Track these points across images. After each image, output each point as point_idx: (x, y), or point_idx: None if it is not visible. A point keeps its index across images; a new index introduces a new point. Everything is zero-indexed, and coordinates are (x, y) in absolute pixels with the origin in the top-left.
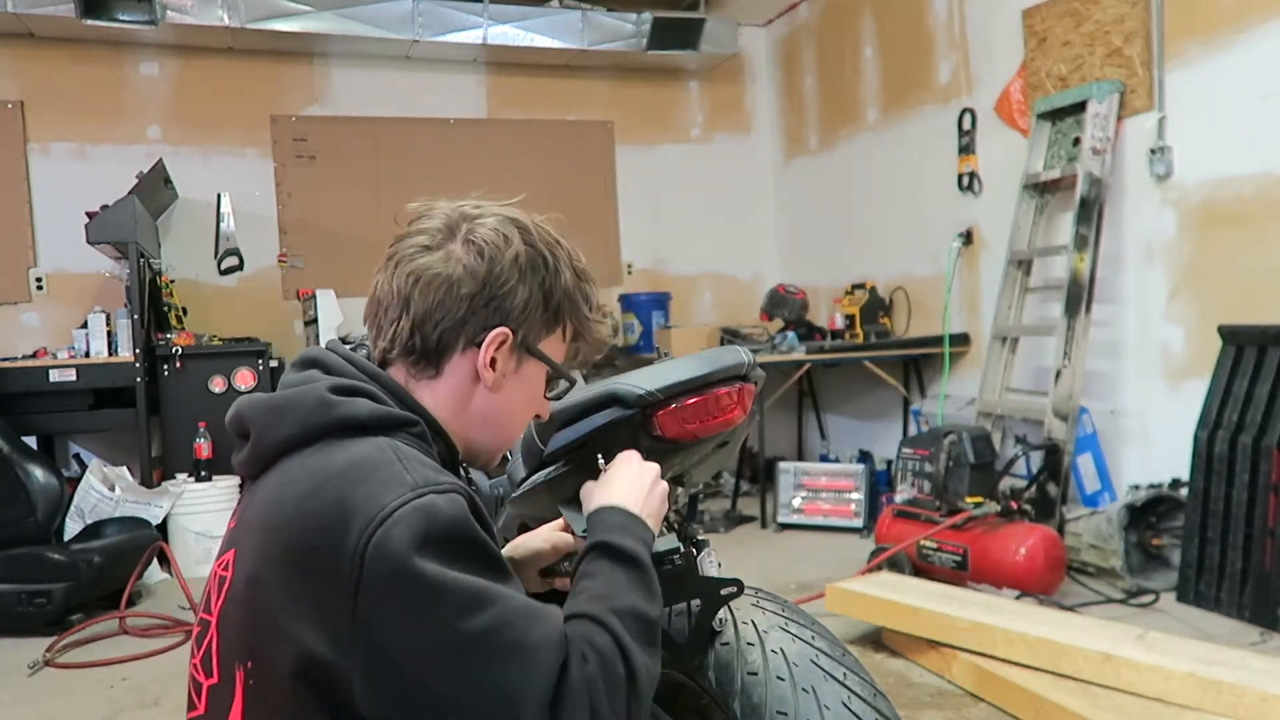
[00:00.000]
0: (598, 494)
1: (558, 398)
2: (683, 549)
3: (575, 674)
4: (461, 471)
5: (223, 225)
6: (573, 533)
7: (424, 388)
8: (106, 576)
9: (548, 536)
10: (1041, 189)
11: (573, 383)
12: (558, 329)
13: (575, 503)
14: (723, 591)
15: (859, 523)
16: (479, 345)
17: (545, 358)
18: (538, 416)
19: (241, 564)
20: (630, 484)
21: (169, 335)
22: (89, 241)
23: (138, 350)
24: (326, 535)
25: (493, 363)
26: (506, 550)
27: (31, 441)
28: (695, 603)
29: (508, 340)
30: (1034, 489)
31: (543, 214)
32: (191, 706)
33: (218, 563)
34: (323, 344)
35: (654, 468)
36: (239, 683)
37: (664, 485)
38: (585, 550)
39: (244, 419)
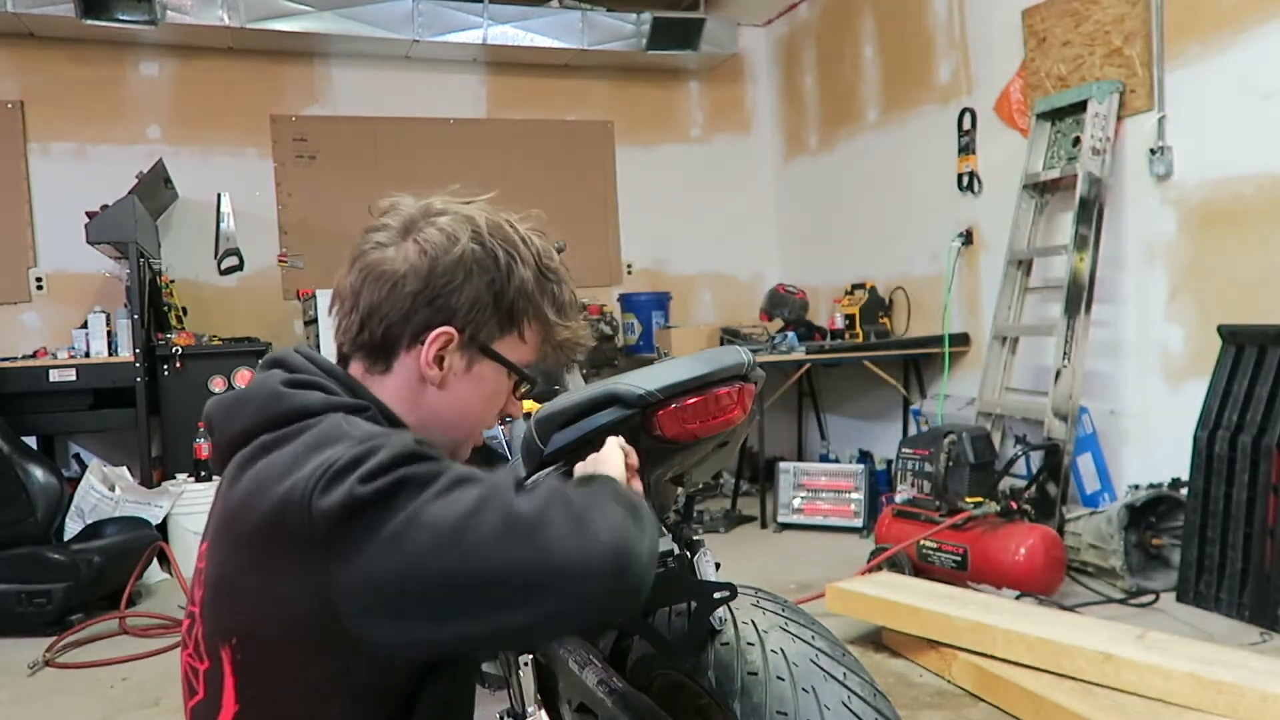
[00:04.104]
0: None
1: (527, 398)
2: (678, 550)
3: (548, 484)
4: None
5: (223, 225)
6: None
7: (377, 383)
8: (106, 576)
9: None
10: (1041, 189)
11: (533, 383)
12: (514, 330)
13: None
14: (715, 595)
15: (859, 523)
16: (423, 343)
17: (499, 357)
18: (509, 417)
19: (213, 551)
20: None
21: (169, 335)
22: (89, 241)
23: (138, 350)
24: (279, 497)
25: (440, 361)
26: None
27: (31, 441)
28: (693, 604)
29: (453, 339)
30: (1034, 489)
31: (524, 211)
32: (192, 693)
33: (197, 557)
34: (323, 345)
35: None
36: (227, 661)
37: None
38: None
39: (207, 418)
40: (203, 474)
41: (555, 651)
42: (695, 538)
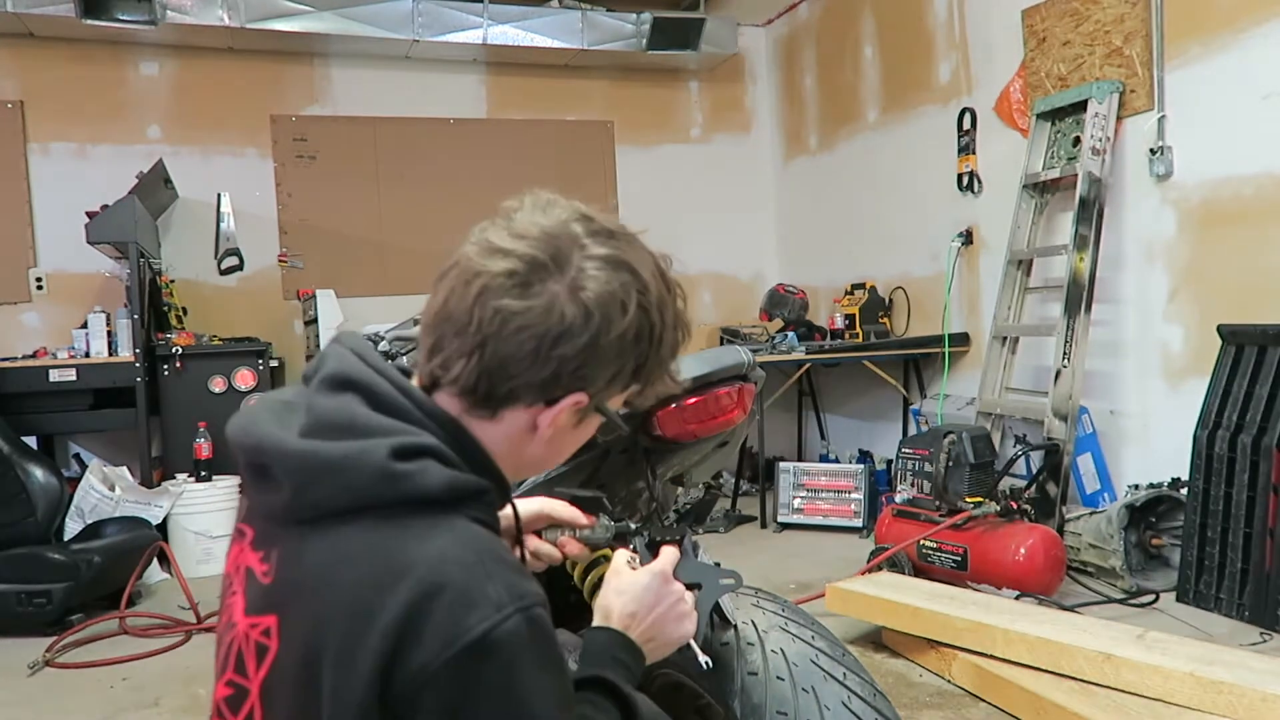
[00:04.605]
0: (607, 598)
1: (607, 435)
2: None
3: None
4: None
5: (223, 225)
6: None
7: (478, 427)
8: (106, 576)
9: (538, 507)
10: (1041, 189)
11: (626, 432)
12: (635, 386)
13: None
14: (722, 581)
15: (859, 523)
16: (547, 406)
17: (609, 414)
18: None
19: (291, 642)
20: (639, 603)
21: (169, 335)
22: (89, 241)
23: (138, 350)
24: (391, 643)
25: (557, 418)
26: None
27: (31, 441)
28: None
29: (581, 405)
30: (1034, 489)
31: (656, 249)
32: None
33: (249, 621)
34: (323, 345)
35: (675, 591)
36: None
37: (682, 606)
38: (584, 676)
39: (267, 459)
40: (203, 474)
41: None
42: (694, 538)
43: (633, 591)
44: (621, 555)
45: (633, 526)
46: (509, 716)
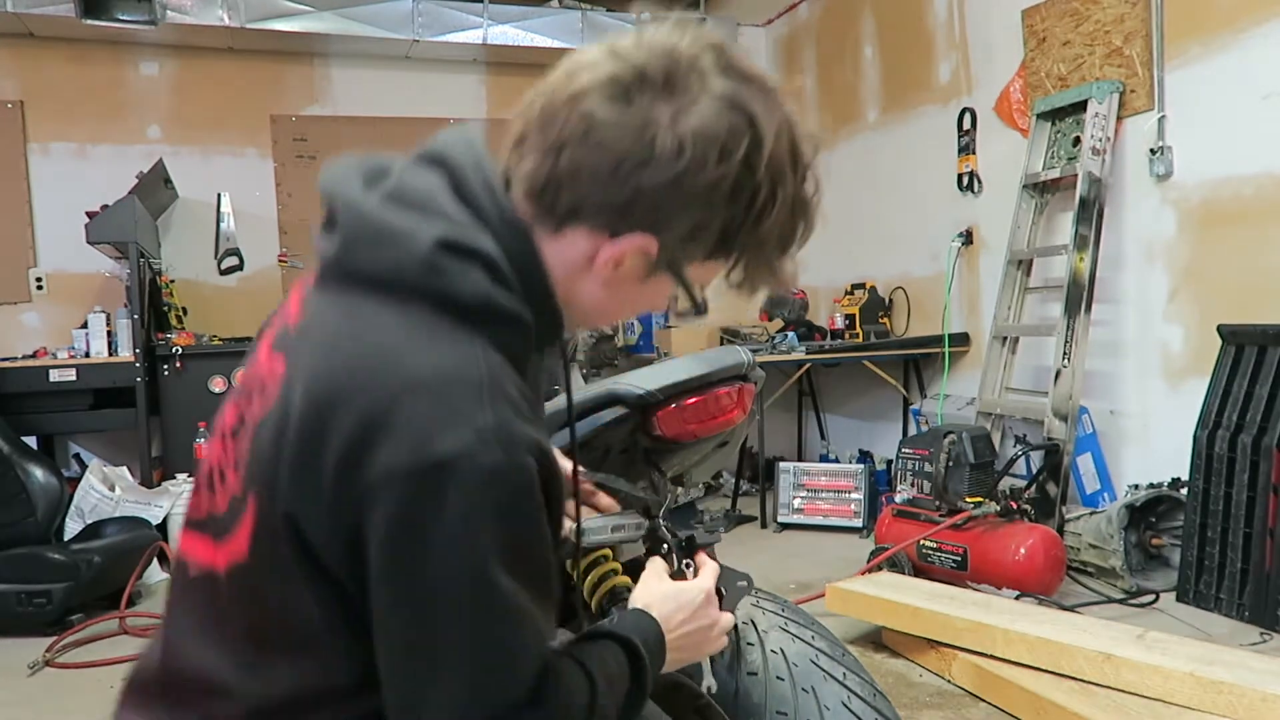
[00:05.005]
0: (650, 596)
1: (682, 317)
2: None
3: (556, 687)
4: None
5: (223, 225)
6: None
7: (541, 239)
8: (106, 576)
9: None
10: (1041, 189)
11: (703, 313)
12: (717, 260)
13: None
14: (739, 583)
15: (859, 523)
16: (611, 237)
17: (685, 283)
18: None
19: (288, 389)
20: (682, 613)
21: (169, 335)
22: (89, 241)
23: (138, 350)
24: (359, 432)
25: (620, 262)
26: None
27: (31, 441)
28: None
29: (649, 254)
30: (1034, 489)
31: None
32: (210, 488)
33: (269, 358)
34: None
35: (714, 615)
36: (251, 506)
37: (716, 630)
38: (615, 633)
39: (336, 212)
40: None
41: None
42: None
43: (679, 600)
44: (658, 560)
45: (662, 524)
46: (455, 555)
